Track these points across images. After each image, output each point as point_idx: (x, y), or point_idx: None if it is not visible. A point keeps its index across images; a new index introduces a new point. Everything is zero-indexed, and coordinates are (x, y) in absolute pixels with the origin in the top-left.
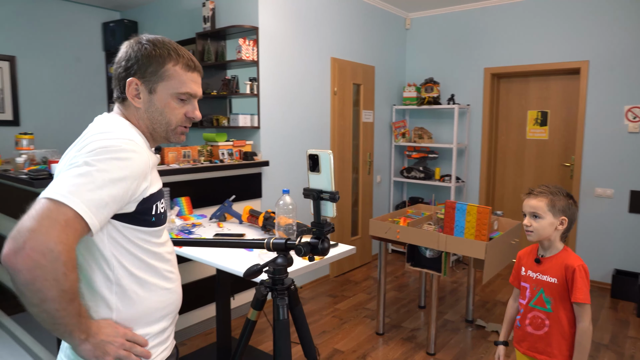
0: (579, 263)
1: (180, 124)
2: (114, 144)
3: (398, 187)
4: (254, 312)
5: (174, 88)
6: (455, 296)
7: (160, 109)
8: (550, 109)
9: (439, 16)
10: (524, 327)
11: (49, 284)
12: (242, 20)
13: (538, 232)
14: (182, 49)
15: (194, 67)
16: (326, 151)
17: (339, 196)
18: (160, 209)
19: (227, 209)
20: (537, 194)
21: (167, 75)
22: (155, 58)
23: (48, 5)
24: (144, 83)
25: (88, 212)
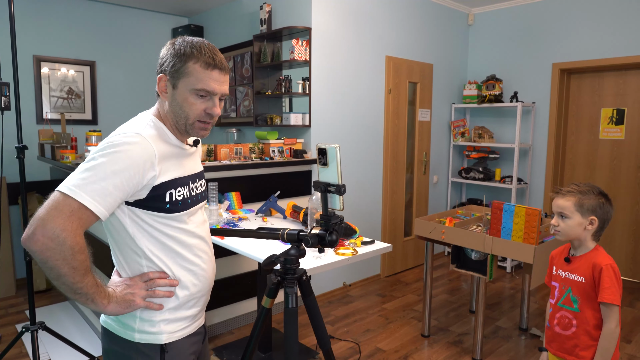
0: (607, 262)
1: (198, 119)
2: (117, 139)
3: (456, 188)
4: (268, 300)
5: (191, 84)
6: (512, 303)
7: (180, 104)
8: (628, 106)
9: (504, 10)
10: (552, 327)
11: (59, 262)
12: (296, 22)
13: (565, 232)
14: (207, 48)
15: (213, 65)
16: (333, 144)
17: (345, 189)
18: (177, 197)
19: (272, 204)
20: (564, 194)
21: (187, 72)
22: (180, 56)
23: (124, 13)
24: (170, 79)
25: (92, 202)
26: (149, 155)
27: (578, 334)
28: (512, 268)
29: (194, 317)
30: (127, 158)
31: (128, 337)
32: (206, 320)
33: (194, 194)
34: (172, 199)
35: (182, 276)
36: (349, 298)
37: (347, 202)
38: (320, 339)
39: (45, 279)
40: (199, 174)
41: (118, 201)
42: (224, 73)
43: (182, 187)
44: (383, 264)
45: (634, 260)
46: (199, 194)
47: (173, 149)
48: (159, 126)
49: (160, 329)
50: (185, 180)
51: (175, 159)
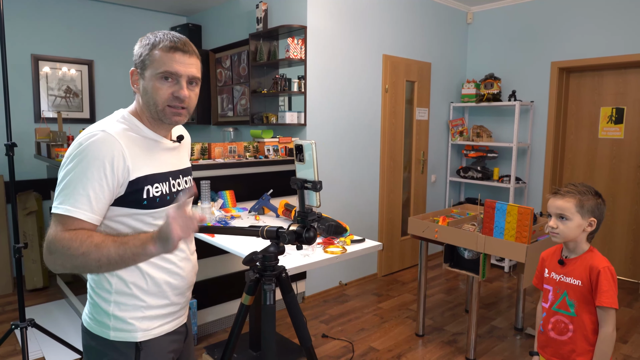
0: (604, 264)
1: (167, 104)
2: (82, 141)
3: (455, 188)
4: (247, 297)
5: (155, 69)
6: (509, 302)
7: (150, 92)
8: (627, 105)
9: (503, 9)
10: (546, 332)
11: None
12: (291, 20)
13: (564, 234)
14: (170, 34)
15: (175, 48)
16: (309, 141)
17: (321, 186)
18: (155, 193)
19: (265, 203)
20: (564, 194)
21: (152, 60)
22: (145, 47)
23: (122, 13)
24: (139, 71)
25: (81, 212)
26: (116, 150)
27: (575, 339)
28: (510, 268)
29: (171, 315)
30: (95, 159)
31: (104, 335)
32: (199, 318)
33: (174, 191)
34: (150, 195)
35: (154, 274)
36: (345, 297)
37: (343, 201)
38: (301, 337)
39: (43, 277)
40: (183, 171)
41: (106, 202)
42: (188, 55)
43: (161, 183)
44: (380, 263)
45: (633, 261)
46: (181, 190)
47: (147, 143)
48: (131, 121)
49: (134, 327)
50: (164, 177)
51: (151, 153)
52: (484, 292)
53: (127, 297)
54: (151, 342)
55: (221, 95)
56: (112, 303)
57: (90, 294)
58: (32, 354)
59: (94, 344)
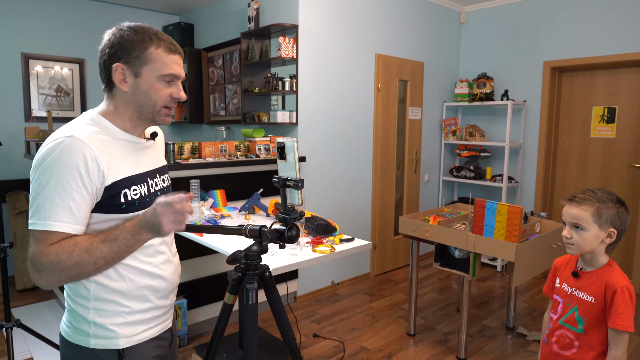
0: (622, 284)
1: (164, 105)
2: (50, 149)
3: (448, 187)
4: (230, 296)
5: (158, 70)
6: (501, 302)
7: (146, 91)
8: (619, 105)
9: (496, 8)
10: (550, 344)
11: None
12: (283, 19)
13: (579, 245)
14: (162, 33)
15: (174, 50)
16: (290, 139)
17: (303, 184)
18: (133, 196)
19: (255, 202)
20: (580, 201)
21: (151, 59)
22: (138, 43)
23: (114, 11)
24: (129, 67)
25: (63, 225)
26: (87, 155)
27: (579, 357)
28: (502, 267)
29: (155, 320)
30: (69, 168)
31: (83, 343)
32: (189, 318)
33: (152, 191)
34: (128, 198)
35: (135, 278)
36: (337, 297)
37: (336, 201)
38: (285, 337)
39: None
40: (160, 169)
41: (88, 209)
42: (182, 57)
43: (139, 185)
44: (373, 262)
45: (624, 260)
46: (159, 190)
47: (121, 145)
48: (101, 123)
49: (116, 334)
50: (142, 177)
51: (126, 155)
52: (476, 291)
53: (107, 303)
54: (134, 349)
55: (213, 94)
56: (91, 310)
57: (67, 302)
58: (21, 355)
59: (72, 353)
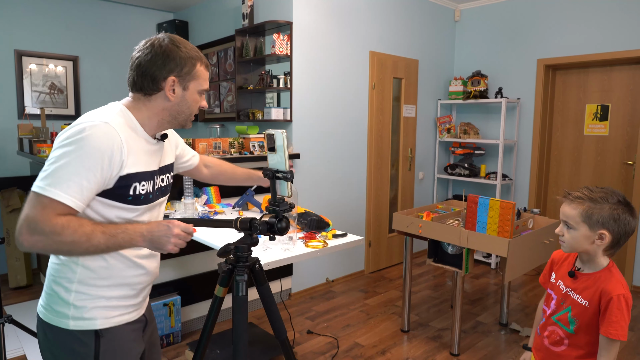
0: (619, 292)
1: (195, 113)
2: (83, 127)
3: (443, 184)
4: (220, 289)
5: (200, 86)
6: (494, 298)
7: (189, 103)
8: (612, 103)
9: (490, 6)
10: (542, 337)
11: (56, 246)
12: (277, 16)
13: (570, 244)
14: (199, 51)
15: (208, 67)
16: (280, 130)
17: (292, 176)
18: (141, 190)
19: (249, 198)
20: (572, 199)
21: (197, 75)
22: (190, 60)
23: (108, 8)
24: (180, 81)
25: (70, 198)
26: (117, 144)
27: (566, 355)
28: (496, 264)
29: (132, 307)
30: (97, 150)
31: (63, 325)
32: (183, 315)
33: (156, 188)
34: (136, 192)
35: (122, 271)
36: (332, 294)
37: (330, 198)
38: (275, 329)
39: (26, 275)
40: (166, 167)
41: (94, 193)
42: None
43: (147, 181)
44: (367, 260)
45: (616, 257)
46: (161, 187)
47: (141, 141)
48: (128, 117)
49: (94, 315)
50: (150, 175)
51: (143, 151)
52: (470, 288)
53: (90, 287)
54: (112, 330)
55: (208, 91)
56: (73, 292)
57: (48, 285)
58: (14, 352)
59: (52, 335)
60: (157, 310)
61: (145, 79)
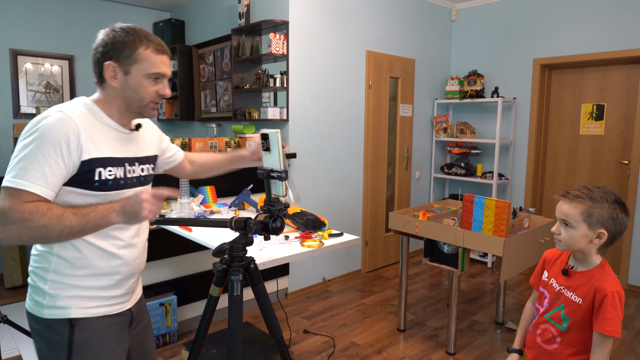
0: (613, 289)
1: (151, 100)
2: (39, 119)
3: (439, 184)
4: (215, 289)
5: (146, 69)
6: (491, 297)
7: (135, 88)
8: (608, 102)
9: (486, 6)
10: (534, 335)
11: (30, 232)
12: (273, 15)
13: (567, 242)
14: (151, 35)
15: (162, 51)
16: (274, 130)
17: (287, 175)
18: (107, 175)
19: (245, 198)
20: (572, 198)
21: (140, 58)
22: (129, 43)
23: (105, 7)
24: (120, 66)
25: (36, 186)
26: (72, 129)
27: (559, 353)
28: (492, 263)
29: (112, 299)
30: (52, 137)
31: (39, 314)
32: (179, 315)
33: (129, 177)
34: (102, 177)
35: (96, 261)
36: (328, 293)
37: (327, 198)
38: (270, 328)
39: (22, 275)
40: (141, 159)
41: (60, 180)
42: (170, 57)
43: (115, 167)
44: (364, 259)
45: (612, 256)
46: (136, 177)
47: (106, 129)
48: (92, 107)
49: (67, 304)
50: (120, 161)
51: (107, 138)
52: (466, 287)
53: (65, 277)
54: (88, 320)
55: (204, 91)
56: (48, 282)
57: (30, 277)
58: (10, 352)
59: (34, 324)
60: (153, 310)
61: (94, 69)
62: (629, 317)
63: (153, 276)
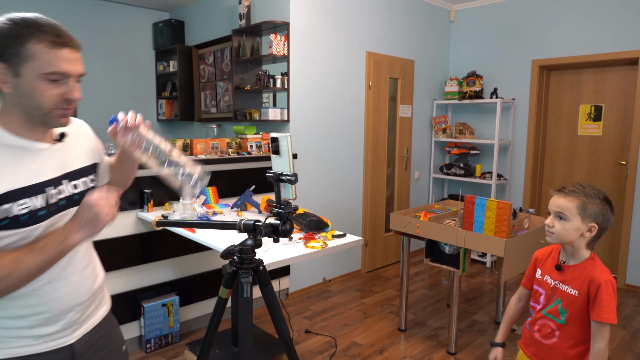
0: (605, 278)
1: (55, 107)
2: None
3: (438, 184)
4: (224, 290)
5: (40, 69)
6: (490, 297)
7: (29, 93)
8: (605, 103)
9: (485, 7)
10: (532, 331)
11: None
12: (274, 16)
13: (560, 235)
14: (48, 24)
15: (62, 44)
16: (284, 134)
17: (296, 178)
18: (18, 211)
19: (247, 199)
20: (567, 193)
21: (29, 56)
22: (15, 37)
23: (104, 8)
24: (9, 66)
25: None
26: None
27: (559, 346)
28: (491, 263)
29: (41, 338)
30: None
31: None
32: (181, 315)
33: (53, 202)
34: (10, 214)
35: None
36: (329, 293)
37: (327, 198)
38: (278, 329)
39: None
40: (73, 173)
41: None
42: (75, 50)
43: (30, 198)
44: (364, 259)
45: (609, 256)
46: (66, 197)
47: (8, 152)
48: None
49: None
50: (37, 188)
51: (13, 164)
52: (465, 287)
53: None
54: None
55: (204, 91)
56: None
57: None
58: None
59: None
60: (155, 311)
61: None
62: (626, 317)
63: (155, 277)
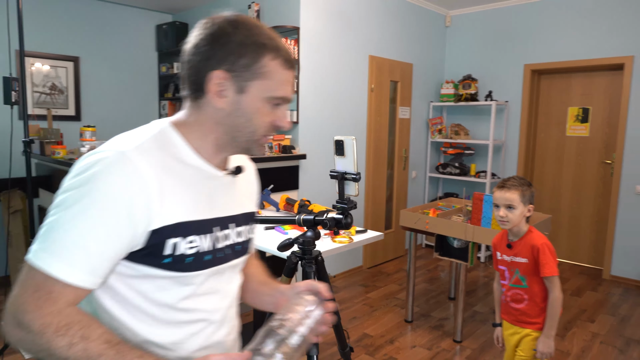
0: (541, 241)
1: (266, 133)
2: (90, 163)
3: (433, 183)
4: (285, 279)
5: (269, 90)
6: (486, 289)
7: (250, 114)
8: (593, 106)
9: (480, 13)
10: (507, 302)
11: (42, 354)
12: (284, 21)
13: (513, 221)
14: (279, 38)
15: (292, 65)
16: (350, 137)
17: (360, 177)
18: (186, 250)
19: (266, 197)
20: (509, 187)
21: (264, 72)
22: (251, 47)
23: (109, 10)
24: (234, 78)
25: (72, 274)
26: (136, 185)
27: (529, 306)
28: (485, 258)
29: None
30: (106, 196)
31: None
32: None
33: (220, 247)
34: (176, 251)
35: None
36: (334, 288)
37: (332, 196)
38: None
39: None
40: (240, 217)
41: (116, 258)
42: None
43: (200, 236)
44: (365, 255)
45: (595, 249)
46: (229, 245)
47: (188, 173)
48: (170, 138)
49: None
50: (207, 225)
51: (191, 189)
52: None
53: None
54: None
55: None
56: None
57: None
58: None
59: None
60: None
61: (188, 76)
62: (614, 305)
63: None
